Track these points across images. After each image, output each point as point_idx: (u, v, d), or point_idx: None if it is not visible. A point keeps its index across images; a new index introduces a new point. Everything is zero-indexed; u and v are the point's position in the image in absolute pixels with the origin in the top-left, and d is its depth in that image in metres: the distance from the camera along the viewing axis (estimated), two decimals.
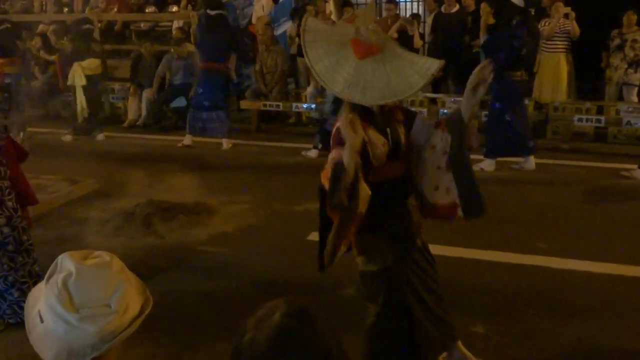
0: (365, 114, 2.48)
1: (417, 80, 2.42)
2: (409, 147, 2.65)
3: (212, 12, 7.72)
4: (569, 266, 4.27)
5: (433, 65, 2.46)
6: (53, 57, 9.63)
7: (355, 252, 2.63)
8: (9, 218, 3.54)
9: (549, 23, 7.99)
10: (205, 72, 7.80)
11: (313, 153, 7.33)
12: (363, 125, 2.42)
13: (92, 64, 8.28)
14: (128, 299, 1.40)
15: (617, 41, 7.98)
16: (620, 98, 8.16)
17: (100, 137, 8.49)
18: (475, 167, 6.47)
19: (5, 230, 3.53)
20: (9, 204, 3.55)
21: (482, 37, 6.68)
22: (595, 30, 8.10)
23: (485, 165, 6.53)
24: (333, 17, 8.23)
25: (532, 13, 6.77)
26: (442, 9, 9.26)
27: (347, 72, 2.44)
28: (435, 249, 2.87)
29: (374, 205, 2.41)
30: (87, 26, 8.60)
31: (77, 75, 8.11)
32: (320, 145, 7.22)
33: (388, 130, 2.55)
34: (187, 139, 7.97)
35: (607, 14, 8.21)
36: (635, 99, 8.01)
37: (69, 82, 8.26)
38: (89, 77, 8.16)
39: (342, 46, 2.50)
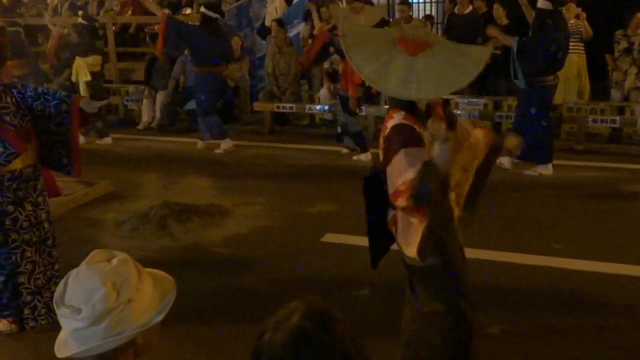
0: (412, 113, 2.46)
1: (471, 69, 2.39)
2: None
3: (213, 15, 7.55)
4: (585, 267, 4.24)
5: (485, 52, 2.44)
6: (56, 29, 9.66)
7: (409, 247, 2.53)
8: (48, 213, 3.61)
9: None
10: (206, 77, 7.61)
11: (363, 156, 7.24)
12: (415, 124, 2.42)
13: (95, 60, 8.35)
14: (106, 308, 1.38)
15: (623, 44, 7.88)
16: (625, 100, 8.09)
17: (107, 140, 8.48)
18: (533, 172, 6.45)
19: (46, 225, 3.61)
20: (47, 198, 3.63)
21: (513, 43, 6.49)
22: (600, 31, 8.05)
23: (543, 170, 6.47)
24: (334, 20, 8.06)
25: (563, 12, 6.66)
26: (456, 10, 9.25)
27: (399, 70, 2.40)
28: None
29: None
30: (94, 23, 8.69)
31: (82, 72, 8.17)
32: (358, 148, 7.27)
33: None
34: (226, 144, 7.84)
35: (611, 15, 8.16)
36: None
37: (73, 78, 8.33)
38: (92, 74, 8.21)
39: (388, 46, 2.47)
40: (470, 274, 2.69)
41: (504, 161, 6.33)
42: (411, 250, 2.46)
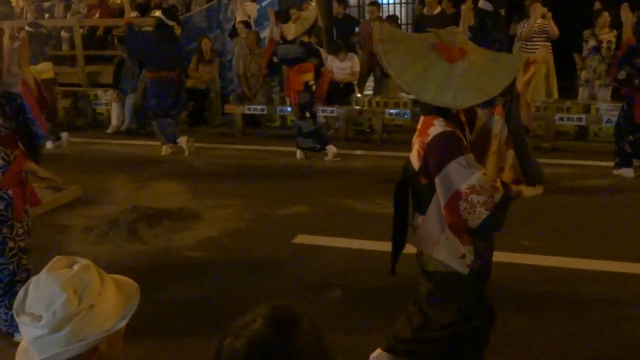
0: (448, 117, 2.49)
1: (504, 77, 2.42)
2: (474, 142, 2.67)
3: (169, 22, 7.57)
4: (552, 263, 4.31)
5: (517, 60, 2.48)
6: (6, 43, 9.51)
7: (436, 252, 2.58)
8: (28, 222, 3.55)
9: (528, 24, 8.06)
10: (158, 81, 7.63)
11: (331, 154, 7.32)
12: (455, 129, 2.46)
13: (45, 67, 8.23)
14: (67, 314, 1.36)
15: (592, 42, 8.03)
16: (593, 99, 8.26)
17: (60, 142, 8.34)
18: None
19: (26, 236, 3.53)
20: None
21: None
22: (567, 30, 8.19)
23: None
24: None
25: (502, 14, 6.78)
26: (424, 11, 9.33)
27: (437, 77, 2.41)
28: None
29: None
30: (42, 29, 8.58)
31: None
32: (318, 146, 7.32)
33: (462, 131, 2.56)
34: (182, 140, 7.80)
35: (577, 14, 8.32)
36: (609, 99, 8.11)
37: None
38: (44, 81, 8.10)
39: (425, 52, 2.46)
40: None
41: None
42: (439, 253, 2.52)
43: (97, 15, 11.35)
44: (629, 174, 6.30)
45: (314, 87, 7.23)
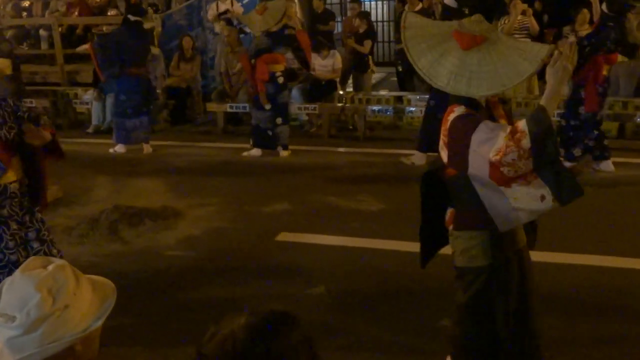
0: (473, 108, 2.42)
1: (526, 67, 2.36)
2: None
3: (133, 18, 7.59)
4: (539, 258, 4.32)
5: (542, 50, 2.39)
6: None
7: (457, 246, 2.55)
8: (37, 231, 3.42)
9: (509, 20, 8.10)
10: (128, 78, 7.63)
11: (254, 151, 7.50)
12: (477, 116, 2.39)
13: (2, 64, 8.12)
14: (41, 315, 1.34)
15: (571, 39, 8.09)
16: None
17: None
18: (407, 161, 6.75)
19: (35, 244, 3.40)
20: (38, 215, 3.43)
21: None
22: (547, 27, 8.27)
23: (416, 159, 6.72)
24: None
25: (466, 12, 6.81)
26: (406, 8, 9.34)
27: (451, 64, 2.38)
28: (408, 247, 2.87)
29: (480, 202, 2.38)
30: None
31: None
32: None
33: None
34: (120, 148, 7.86)
35: (557, 11, 8.39)
36: None
37: None
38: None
39: (444, 39, 2.45)
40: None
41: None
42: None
43: (76, 13, 11.24)
44: (608, 168, 6.39)
45: (280, 79, 7.22)
